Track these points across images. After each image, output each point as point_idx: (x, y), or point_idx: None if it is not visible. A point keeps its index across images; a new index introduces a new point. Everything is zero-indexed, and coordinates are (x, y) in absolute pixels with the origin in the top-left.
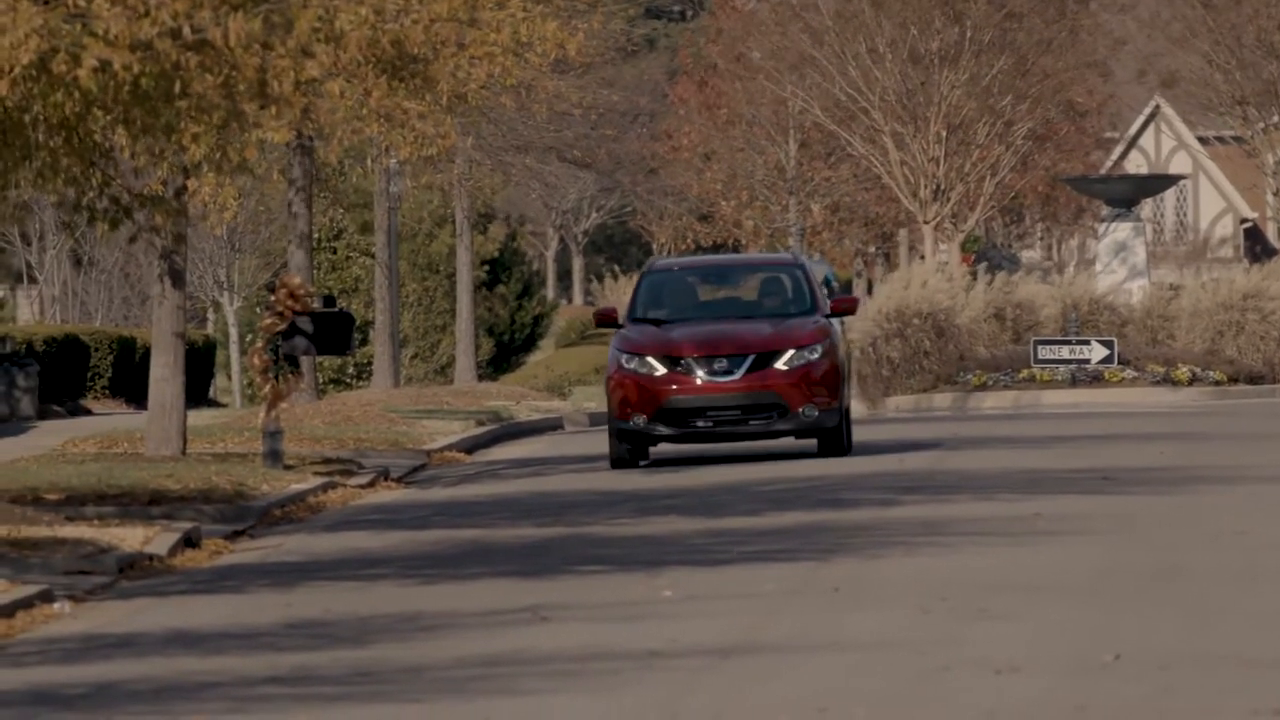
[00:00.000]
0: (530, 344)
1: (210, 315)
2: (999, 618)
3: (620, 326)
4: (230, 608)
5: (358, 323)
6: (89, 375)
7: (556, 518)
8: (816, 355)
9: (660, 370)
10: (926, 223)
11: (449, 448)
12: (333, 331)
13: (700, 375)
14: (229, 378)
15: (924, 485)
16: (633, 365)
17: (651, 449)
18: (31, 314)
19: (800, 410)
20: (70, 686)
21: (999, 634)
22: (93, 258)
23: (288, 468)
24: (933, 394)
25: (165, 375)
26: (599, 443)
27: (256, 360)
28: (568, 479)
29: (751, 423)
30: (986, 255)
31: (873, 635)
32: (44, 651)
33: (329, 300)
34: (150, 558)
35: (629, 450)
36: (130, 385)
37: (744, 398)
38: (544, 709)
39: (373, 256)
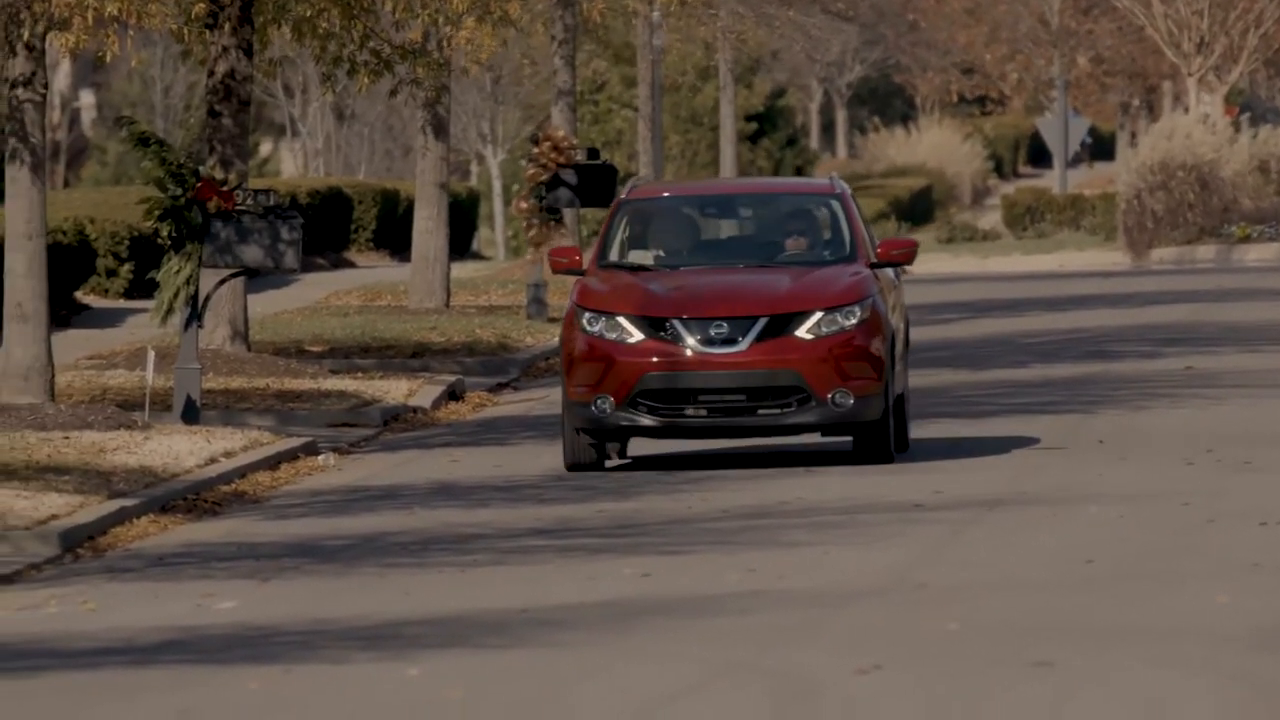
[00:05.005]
0: None
1: (474, 168)
2: (1264, 470)
3: (584, 273)
4: (494, 460)
5: (620, 175)
6: (352, 228)
7: None
8: (854, 320)
9: (636, 336)
10: (1190, 75)
11: None
12: (596, 183)
13: (691, 344)
14: (492, 230)
15: (1187, 337)
16: (598, 328)
17: (618, 443)
18: (295, 167)
19: (829, 397)
20: (334, 539)
21: (1264, 486)
22: (355, 111)
23: (551, 320)
24: (1196, 246)
25: (429, 228)
26: None
27: (524, 205)
28: None
29: (760, 412)
30: (1250, 108)
31: (1137, 487)
32: (308, 504)
33: (592, 153)
34: (414, 410)
35: (591, 445)
36: (393, 238)
37: (751, 377)
38: (808, 560)
39: (635, 109)
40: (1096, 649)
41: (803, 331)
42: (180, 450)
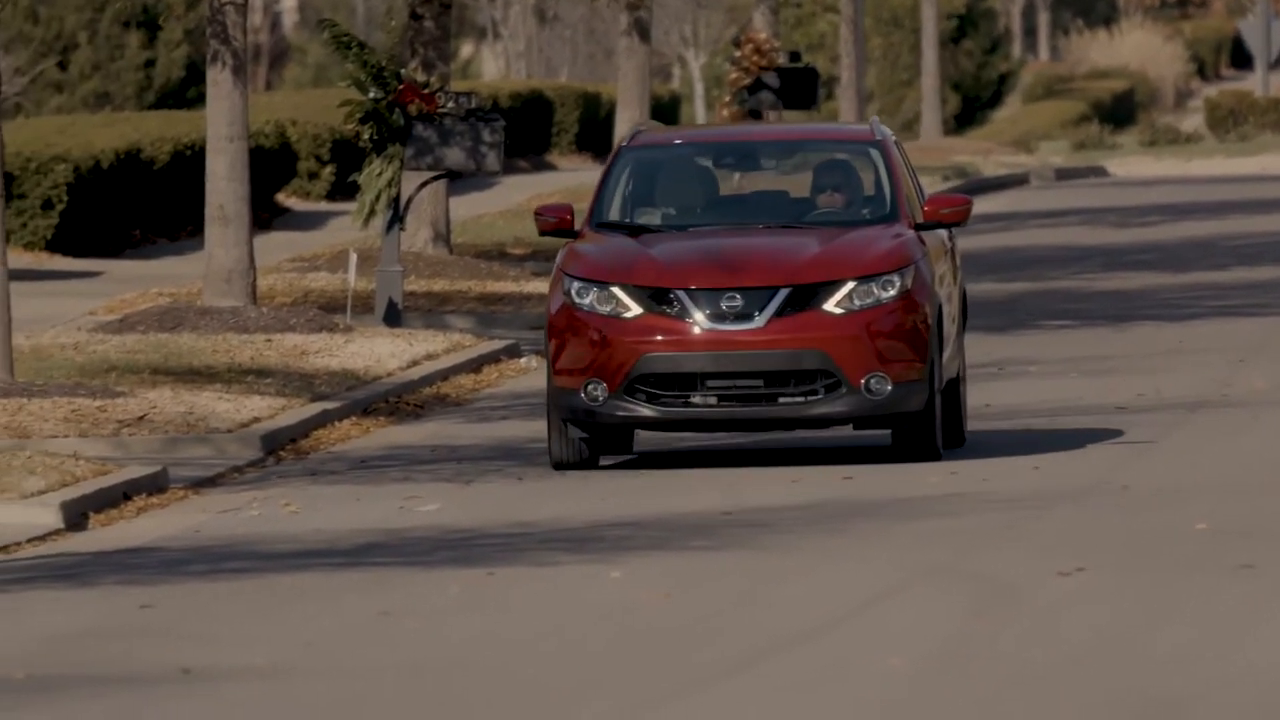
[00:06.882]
0: (996, 99)
1: (675, 71)
2: None
3: (576, 234)
4: None
5: (822, 78)
6: (553, 131)
7: (1023, 272)
8: (893, 291)
9: (634, 310)
10: None
11: None
12: (798, 86)
13: (699, 320)
14: None
15: None
16: (589, 300)
17: (610, 439)
18: (496, 70)
19: (862, 382)
20: (536, 441)
21: None
22: (557, 13)
23: None
24: None
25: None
26: (1068, 196)
27: (725, 113)
28: (1034, 233)
29: (781, 400)
30: None
31: None
32: (510, 406)
33: (794, 56)
34: None
35: (582, 441)
36: (595, 141)
37: (770, 359)
38: (1010, 463)
39: (838, 11)
40: None
41: (832, 305)
42: (382, 353)
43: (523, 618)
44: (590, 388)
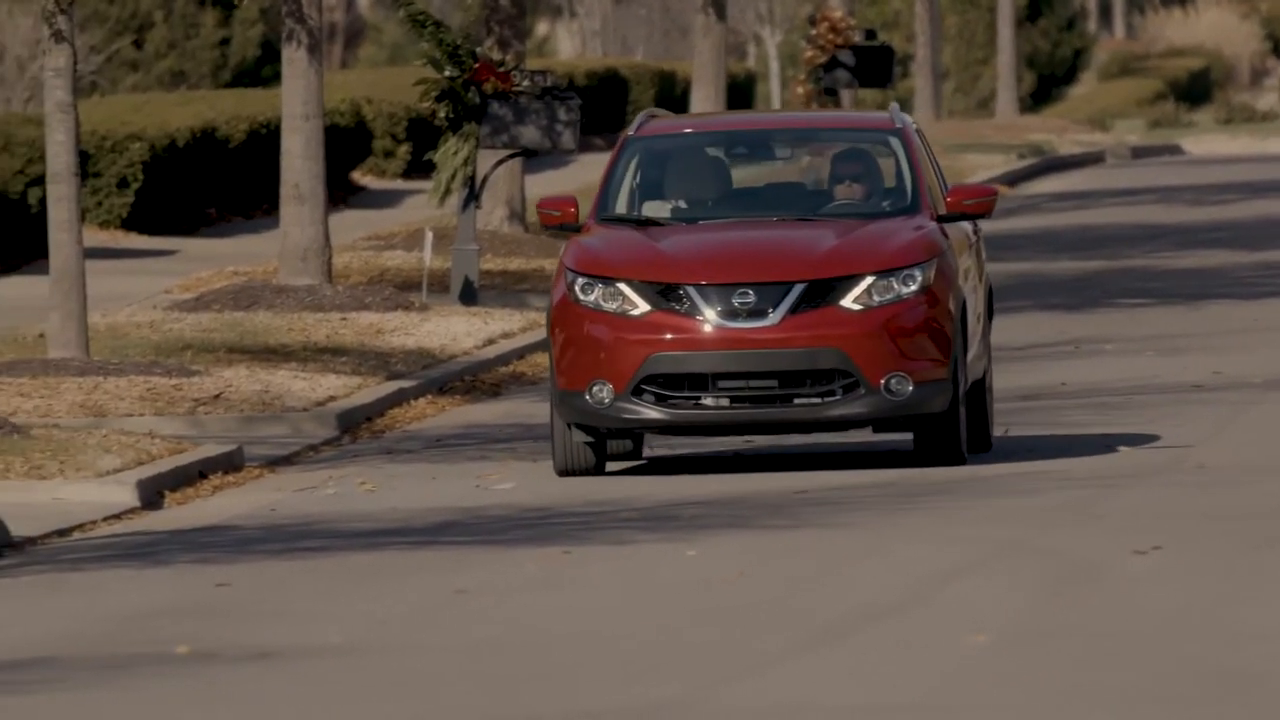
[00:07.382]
0: (1071, 77)
1: (751, 49)
2: None
3: (580, 228)
4: None
5: (898, 56)
6: (628, 109)
7: (1098, 250)
8: (914, 286)
9: (641, 307)
10: None
11: (989, 181)
12: (873, 64)
13: (710, 317)
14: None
15: None
16: (594, 297)
17: (618, 443)
18: (572, 48)
19: (882, 383)
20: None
21: None
22: None
23: None
24: None
25: (707, 108)
26: (1143, 175)
27: (800, 91)
28: (1109, 211)
29: (797, 401)
30: None
31: None
32: None
33: (870, 34)
34: None
35: (588, 445)
36: None
37: (784, 358)
38: (1087, 441)
39: None
40: None
41: (850, 301)
42: (458, 331)
43: (598, 595)
44: (595, 389)
